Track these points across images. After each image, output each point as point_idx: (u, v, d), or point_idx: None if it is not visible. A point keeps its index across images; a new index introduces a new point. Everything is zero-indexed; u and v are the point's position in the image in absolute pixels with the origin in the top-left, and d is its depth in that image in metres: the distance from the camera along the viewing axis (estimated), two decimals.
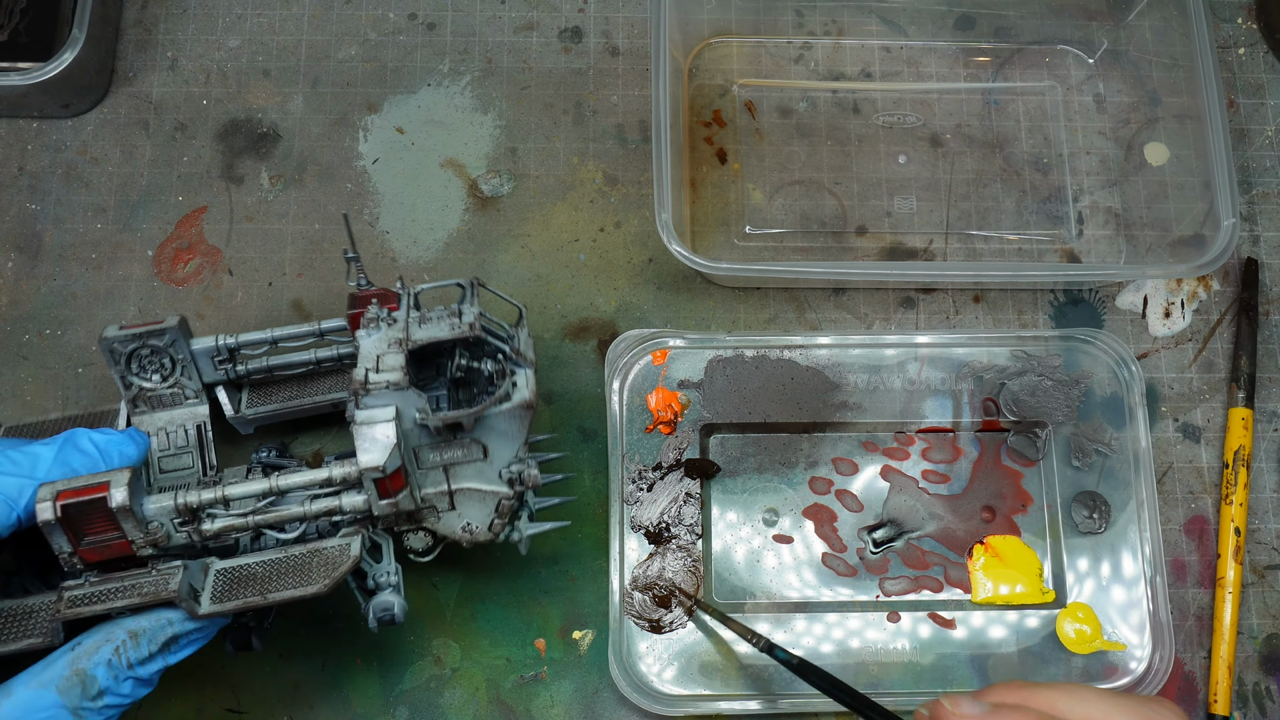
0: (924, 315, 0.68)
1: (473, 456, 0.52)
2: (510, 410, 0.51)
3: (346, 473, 0.48)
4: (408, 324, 0.51)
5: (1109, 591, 0.61)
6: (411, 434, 0.50)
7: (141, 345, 0.55)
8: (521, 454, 0.52)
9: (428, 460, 0.51)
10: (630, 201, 0.69)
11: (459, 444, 0.51)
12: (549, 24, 0.72)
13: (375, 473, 0.48)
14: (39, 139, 0.69)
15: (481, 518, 0.53)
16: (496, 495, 0.53)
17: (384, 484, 0.48)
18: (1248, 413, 0.65)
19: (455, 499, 0.53)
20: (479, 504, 0.53)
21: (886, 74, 0.72)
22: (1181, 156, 0.69)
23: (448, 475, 0.52)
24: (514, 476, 0.52)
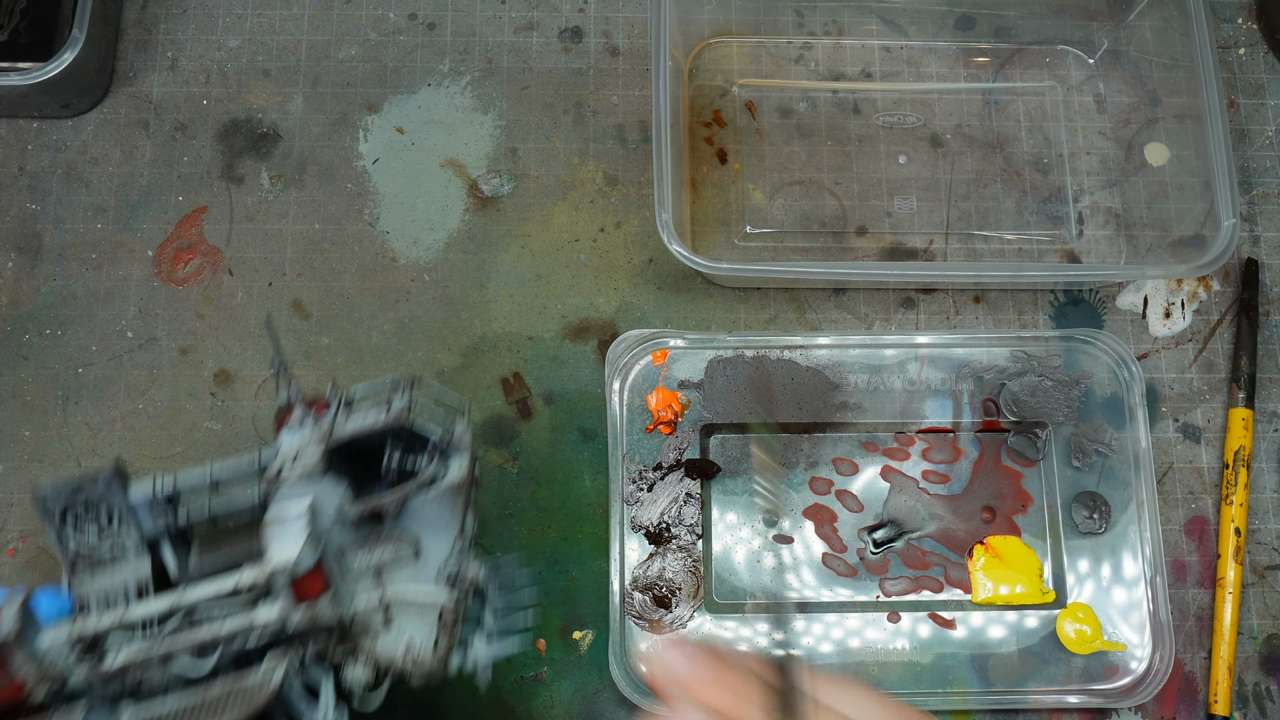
0: (924, 315, 0.68)
1: (403, 555, 0.45)
2: (439, 495, 0.45)
3: (256, 577, 0.42)
4: (333, 421, 0.46)
5: (1109, 592, 0.61)
6: (334, 533, 0.45)
7: (76, 498, 0.47)
8: (460, 546, 0.46)
9: (355, 565, 0.45)
10: (630, 201, 0.69)
11: (387, 541, 0.45)
12: (549, 24, 0.72)
13: (287, 573, 0.42)
14: (39, 139, 0.69)
15: (424, 635, 0.46)
16: (435, 602, 0.46)
17: (300, 585, 0.42)
18: (1248, 413, 0.65)
19: (391, 611, 0.45)
20: (419, 618, 0.46)
21: (887, 74, 0.72)
22: (1182, 157, 0.69)
23: (380, 584, 0.45)
24: (452, 575, 0.46)
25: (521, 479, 0.64)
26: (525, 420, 0.65)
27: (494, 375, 0.66)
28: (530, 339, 0.66)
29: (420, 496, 0.45)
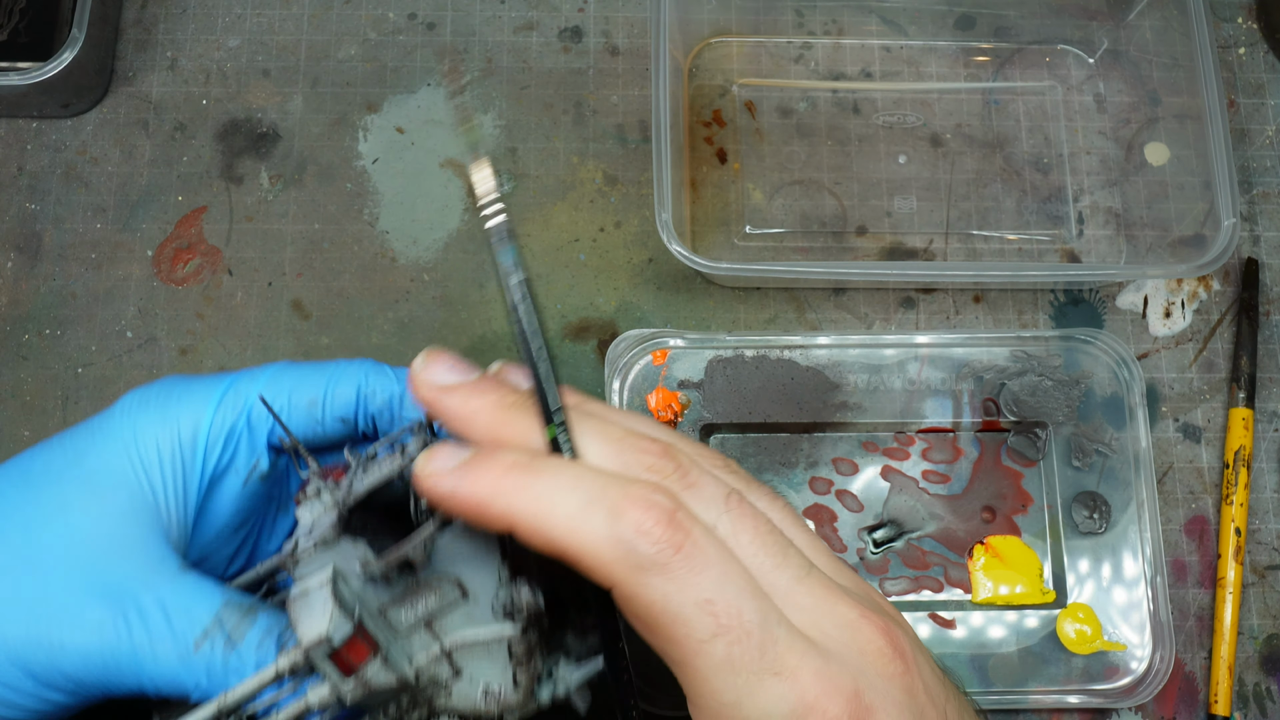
0: (924, 315, 0.68)
1: (449, 599, 0.42)
2: (466, 527, 0.42)
3: (295, 660, 0.39)
4: (351, 482, 0.43)
5: (1109, 592, 0.61)
6: (368, 595, 0.42)
7: None
8: (505, 575, 0.42)
9: (402, 621, 0.42)
10: (630, 201, 0.69)
11: (428, 589, 0.42)
12: (549, 24, 0.72)
13: (323, 646, 0.38)
14: (38, 139, 0.69)
15: (499, 675, 0.42)
16: (500, 638, 0.42)
17: (340, 658, 0.39)
18: (1248, 413, 0.65)
19: (455, 660, 0.42)
20: (487, 658, 0.42)
21: (887, 74, 0.72)
22: (1182, 156, 0.69)
23: (434, 633, 0.42)
24: (505, 604, 0.42)
25: None
26: None
27: None
28: None
29: (446, 535, 0.42)
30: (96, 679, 0.41)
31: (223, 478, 0.46)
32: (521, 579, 0.42)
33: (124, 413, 0.45)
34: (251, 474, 0.46)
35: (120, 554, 0.42)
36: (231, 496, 0.46)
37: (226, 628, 0.41)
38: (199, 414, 0.45)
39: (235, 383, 0.46)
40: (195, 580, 0.42)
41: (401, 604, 0.42)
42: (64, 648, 0.41)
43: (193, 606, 0.41)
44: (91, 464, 0.44)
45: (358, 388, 0.47)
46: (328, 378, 0.47)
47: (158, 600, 0.41)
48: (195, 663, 0.41)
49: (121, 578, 0.42)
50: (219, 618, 0.41)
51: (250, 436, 0.46)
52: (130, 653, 0.41)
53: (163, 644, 0.41)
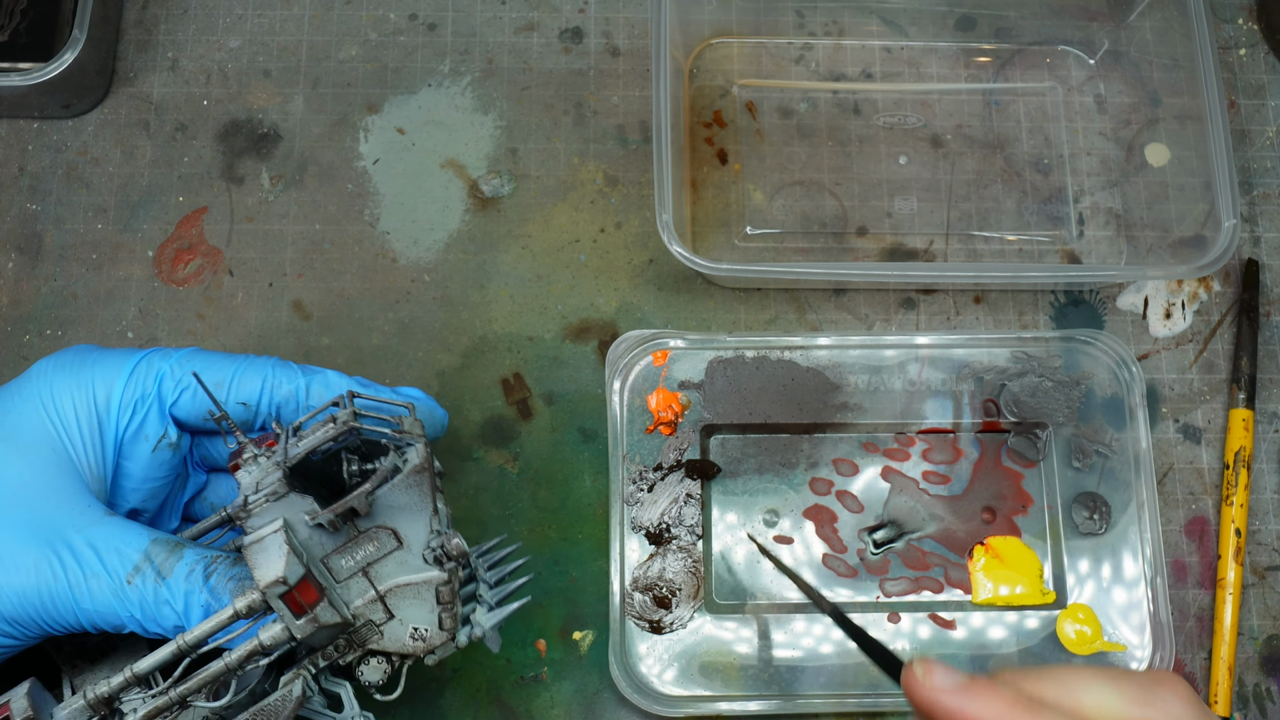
0: (924, 316, 0.68)
1: (386, 548, 0.47)
2: (405, 482, 0.46)
3: (251, 600, 0.43)
4: (285, 448, 0.47)
5: (1109, 592, 0.61)
6: (312, 544, 0.46)
7: None
8: (437, 527, 0.47)
9: (341, 569, 0.46)
10: (631, 202, 0.69)
11: (367, 538, 0.46)
12: (549, 24, 0.72)
13: (279, 586, 0.42)
14: (39, 139, 0.69)
15: (427, 617, 0.48)
16: (429, 582, 0.47)
17: (293, 598, 0.43)
18: (1248, 414, 0.65)
19: (389, 603, 0.47)
20: (416, 601, 0.47)
21: (887, 75, 0.72)
22: (1182, 157, 0.69)
23: (370, 579, 0.47)
24: (437, 553, 0.47)
25: (521, 479, 0.64)
26: (525, 420, 0.65)
27: (494, 376, 0.66)
28: (530, 339, 0.66)
29: (386, 489, 0.46)
30: (33, 617, 0.45)
31: (132, 443, 0.49)
32: (451, 528, 0.47)
33: (40, 375, 0.49)
34: (160, 442, 0.50)
35: (49, 501, 0.46)
36: (141, 463, 0.50)
37: (155, 562, 0.45)
38: (112, 380, 0.49)
39: (148, 356, 0.50)
40: (121, 523, 0.46)
41: (342, 553, 0.46)
42: (2, 592, 0.44)
43: (122, 545, 0.45)
44: (13, 422, 0.47)
45: (263, 378, 0.51)
46: (235, 365, 0.52)
47: (88, 541, 0.45)
48: (129, 596, 0.44)
49: (52, 522, 0.45)
50: (148, 554, 0.45)
51: (159, 407, 0.50)
52: (66, 590, 0.44)
53: (96, 580, 0.44)
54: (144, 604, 0.45)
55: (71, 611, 0.45)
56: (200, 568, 0.45)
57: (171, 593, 0.45)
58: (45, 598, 0.44)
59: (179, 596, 0.45)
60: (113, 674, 0.47)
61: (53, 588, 0.44)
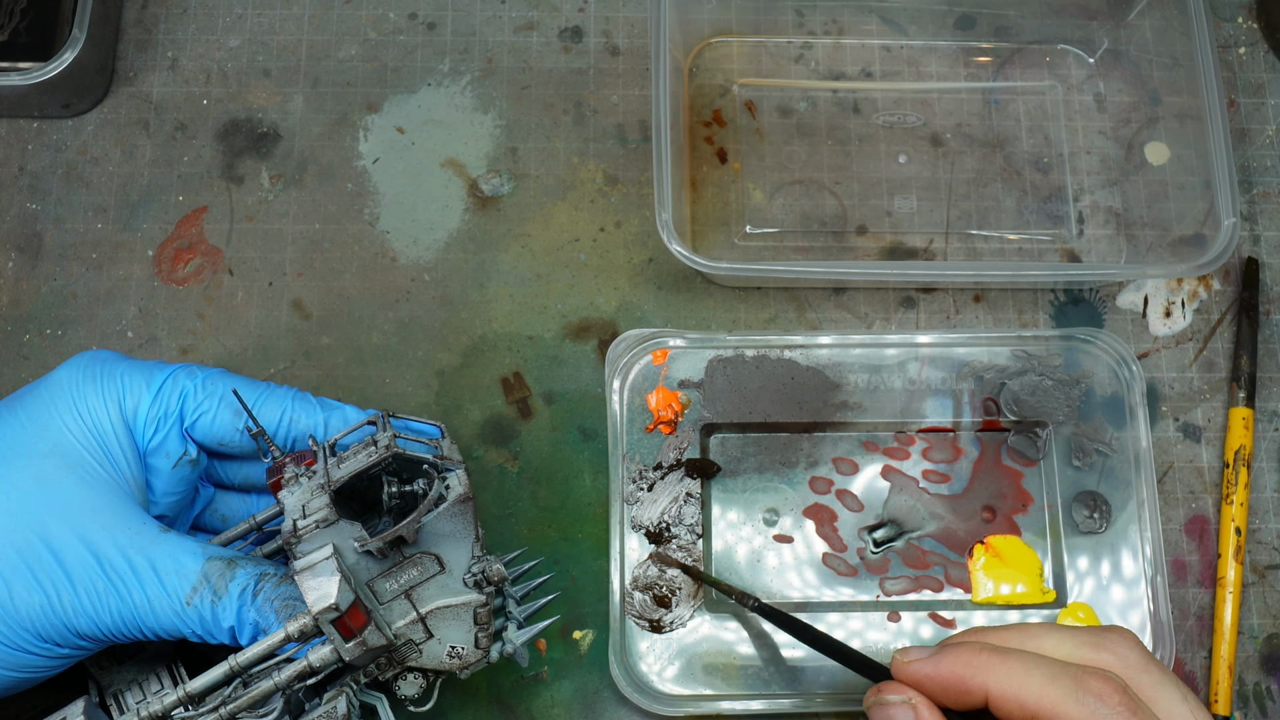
0: (924, 315, 0.68)
1: (429, 572, 0.49)
2: (449, 510, 0.48)
3: (303, 625, 0.45)
4: (327, 470, 0.49)
5: (1109, 591, 0.61)
6: (359, 568, 0.48)
7: None
8: (478, 552, 0.50)
9: (385, 591, 0.49)
10: (630, 201, 0.69)
11: (411, 563, 0.49)
12: (549, 24, 0.72)
13: (331, 612, 0.44)
14: (39, 139, 0.69)
15: (464, 637, 0.50)
16: (469, 604, 0.50)
17: (343, 624, 0.45)
18: (1248, 412, 0.65)
19: (429, 624, 0.49)
20: (455, 622, 0.50)
21: (887, 74, 0.72)
22: (1182, 156, 0.69)
23: (412, 601, 0.49)
24: (478, 578, 0.50)
25: (521, 479, 0.64)
26: (525, 420, 0.65)
27: (494, 375, 0.66)
28: (530, 339, 0.66)
29: (431, 517, 0.48)
30: (100, 633, 0.46)
31: (153, 458, 0.51)
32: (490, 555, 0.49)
33: (70, 385, 0.49)
34: (181, 459, 0.51)
35: (105, 518, 0.47)
36: (163, 478, 0.51)
37: (211, 582, 0.47)
38: (140, 395, 0.50)
39: (174, 374, 0.51)
40: (177, 540, 0.47)
41: (387, 577, 0.48)
42: (68, 609, 0.46)
43: (180, 565, 0.47)
44: (54, 437, 0.48)
45: (282, 410, 0.53)
46: (258, 393, 0.53)
47: (149, 561, 0.46)
48: (188, 615, 0.46)
49: (113, 542, 0.46)
50: (204, 573, 0.47)
51: (179, 426, 0.51)
52: (132, 611, 0.46)
53: (159, 601, 0.46)
54: (203, 621, 0.47)
55: (136, 626, 0.47)
56: (251, 585, 0.47)
57: (226, 612, 0.46)
58: (115, 617, 0.46)
59: (232, 614, 0.47)
60: (140, 673, 0.50)
61: (121, 609, 0.46)
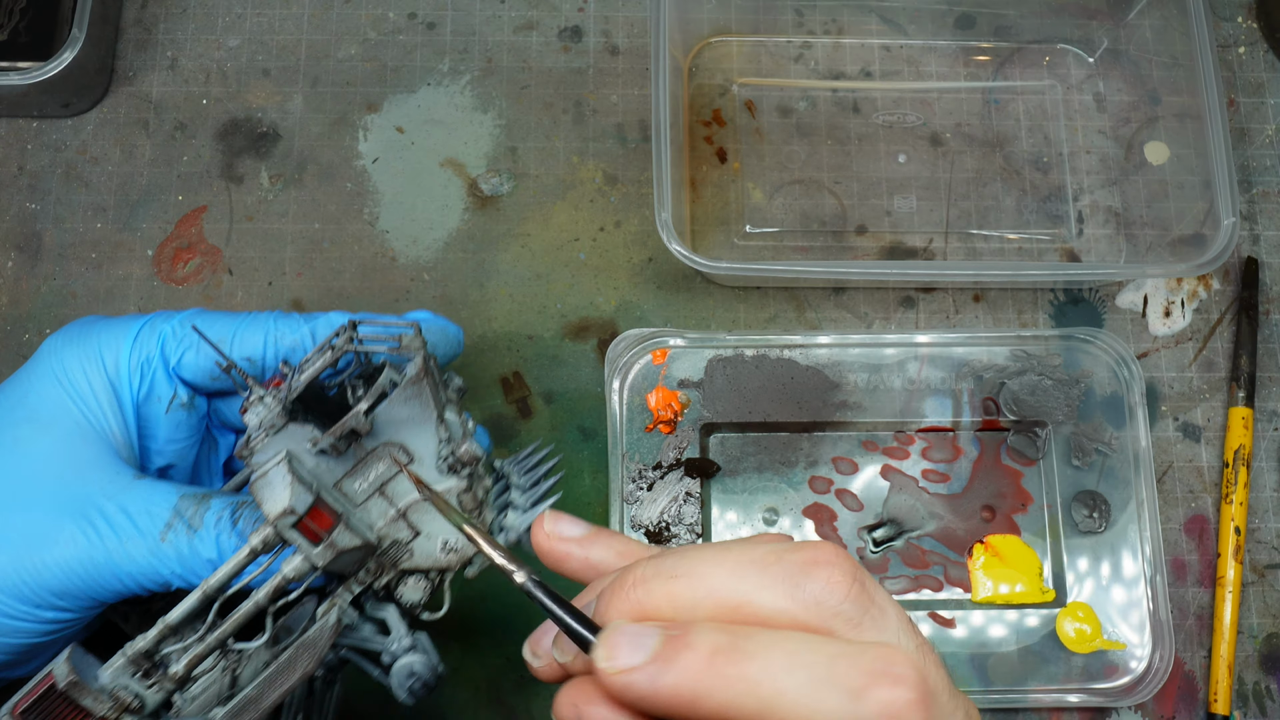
0: (924, 314, 0.68)
1: (399, 462, 0.46)
2: (403, 394, 0.46)
3: (265, 536, 0.43)
4: (290, 386, 0.47)
5: (1109, 591, 0.61)
6: (321, 471, 0.46)
7: None
8: (444, 434, 0.47)
9: (357, 492, 0.46)
10: (630, 201, 0.69)
11: (375, 458, 0.46)
12: (549, 23, 0.72)
13: (288, 516, 0.42)
14: (39, 138, 0.69)
15: (452, 529, 0.46)
16: (449, 492, 0.47)
17: (306, 527, 0.43)
18: (1248, 412, 0.65)
19: (412, 520, 0.47)
20: (439, 514, 0.46)
21: (886, 73, 0.72)
22: (1182, 155, 0.69)
23: (388, 498, 0.46)
24: (450, 462, 0.46)
25: None
26: (525, 419, 0.65)
27: (494, 374, 0.66)
28: (530, 338, 0.66)
29: (386, 405, 0.46)
30: (81, 588, 0.46)
31: (147, 406, 0.50)
32: (463, 434, 0.46)
33: (50, 353, 0.50)
34: (172, 403, 0.51)
35: (77, 473, 0.47)
36: (160, 425, 0.51)
37: (185, 516, 0.46)
38: (118, 346, 0.50)
39: (150, 320, 0.51)
40: (150, 484, 0.47)
41: (354, 476, 0.46)
42: (46, 566, 0.45)
43: (151, 505, 0.46)
44: (32, 403, 0.48)
45: (265, 331, 0.52)
46: (237, 322, 0.52)
47: (120, 506, 0.46)
48: (165, 552, 0.45)
49: (83, 494, 0.46)
50: (177, 509, 0.46)
51: (164, 368, 0.50)
52: (105, 556, 0.45)
53: (132, 542, 0.45)
54: (181, 558, 0.46)
55: (115, 576, 0.46)
56: (227, 514, 0.46)
57: (204, 543, 0.46)
58: (88, 566, 0.45)
59: (211, 545, 0.46)
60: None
61: (92, 555, 0.45)
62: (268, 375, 0.53)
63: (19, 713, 0.42)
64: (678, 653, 0.30)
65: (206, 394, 0.53)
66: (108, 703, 0.43)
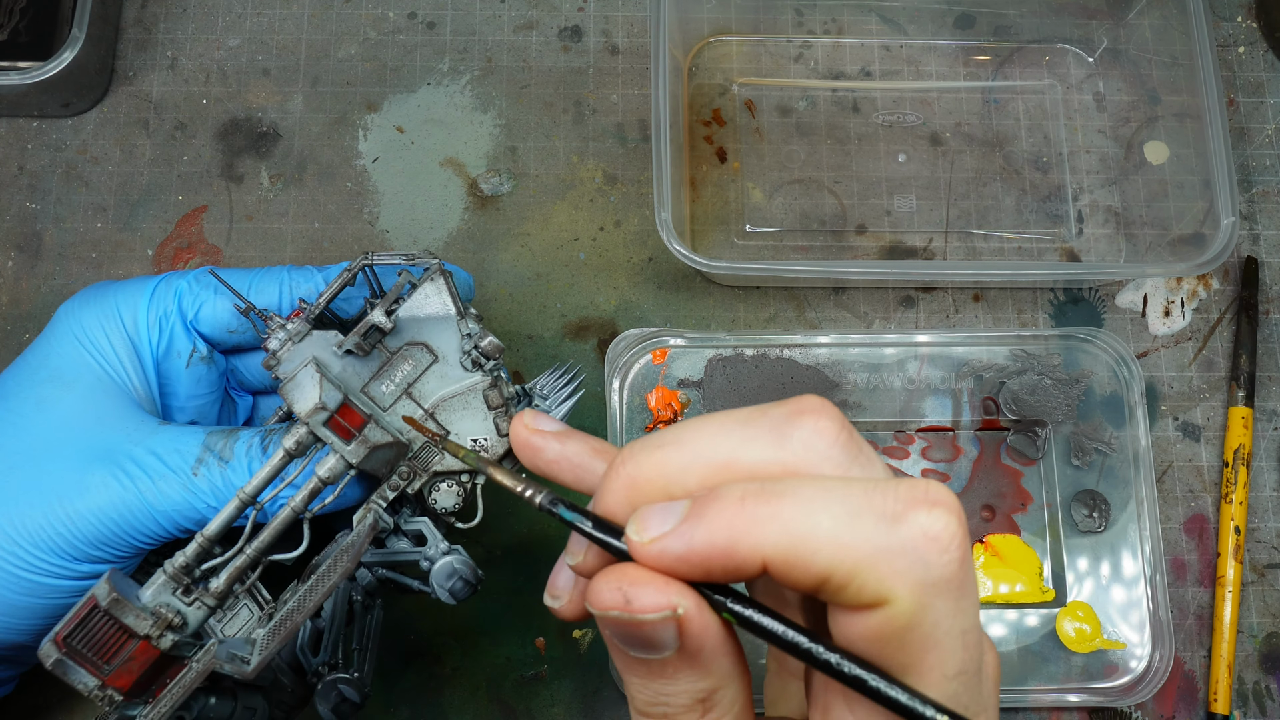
0: (924, 314, 0.68)
1: (423, 363, 0.47)
2: (424, 292, 0.47)
3: (299, 437, 0.44)
4: (310, 312, 0.48)
5: (1109, 590, 0.61)
6: (348, 375, 0.46)
7: None
8: (466, 329, 0.47)
9: (384, 394, 0.46)
10: (630, 200, 0.69)
11: (401, 358, 0.47)
12: (549, 23, 0.72)
13: (320, 413, 0.43)
14: (39, 138, 0.69)
15: (482, 426, 0.47)
16: (474, 388, 0.47)
17: (337, 424, 0.43)
18: (1248, 411, 0.65)
19: (440, 420, 0.47)
20: (467, 411, 0.47)
21: (886, 73, 0.72)
22: (1181, 155, 0.69)
23: (415, 399, 0.47)
24: (474, 356, 0.47)
25: None
26: None
27: None
28: (530, 338, 0.66)
29: (406, 308, 0.47)
30: (117, 534, 0.46)
31: (167, 361, 0.51)
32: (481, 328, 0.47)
33: (67, 314, 0.51)
34: (192, 357, 0.52)
35: (103, 425, 0.47)
36: (181, 380, 0.52)
37: (215, 450, 0.46)
38: (136, 304, 0.51)
39: (166, 278, 0.52)
40: (176, 428, 0.48)
41: (379, 378, 0.46)
42: (81, 515, 0.46)
43: (180, 445, 0.47)
44: (54, 364, 0.49)
45: (280, 281, 0.52)
46: (251, 275, 0.53)
47: (149, 449, 0.47)
48: (199, 486, 0.46)
49: (111, 442, 0.47)
50: (206, 444, 0.47)
51: (182, 322, 0.51)
52: (139, 498, 0.46)
53: (165, 480, 0.46)
54: (215, 490, 0.46)
55: (151, 517, 0.46)
56: (257, 441, 0.47)
57: (237, 473, 0.46)
58: (123, 510, 0.46)
59: (245, 474, 0.46)
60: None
61: (126, 499, 0.46)
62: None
63: (61, 639, 0.42)
64: (706, 507, 0.29)
65: (224, 350, 0.54)
66: (150, 619, 0.43)
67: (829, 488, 0.28)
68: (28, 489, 0.46)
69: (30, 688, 0.58)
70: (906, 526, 0.27)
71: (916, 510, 0.27)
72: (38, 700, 0.59)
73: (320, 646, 0.50)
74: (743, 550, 0.28)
